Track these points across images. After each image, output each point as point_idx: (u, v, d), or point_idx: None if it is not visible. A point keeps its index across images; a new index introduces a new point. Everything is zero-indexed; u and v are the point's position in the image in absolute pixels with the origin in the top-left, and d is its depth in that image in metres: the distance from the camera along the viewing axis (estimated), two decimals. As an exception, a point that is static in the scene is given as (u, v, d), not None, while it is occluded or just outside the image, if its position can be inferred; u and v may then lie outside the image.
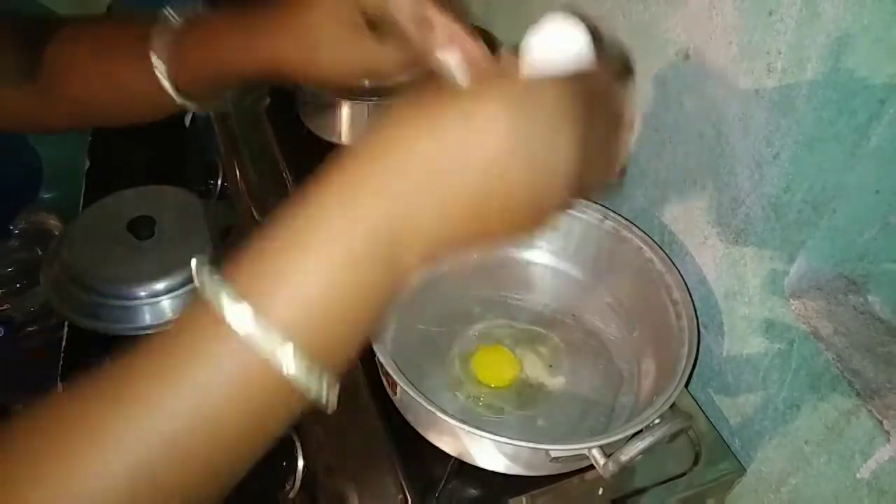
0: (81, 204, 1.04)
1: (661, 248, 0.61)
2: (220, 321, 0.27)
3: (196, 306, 0.28)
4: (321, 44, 0.44)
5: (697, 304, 0.59)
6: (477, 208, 0.30)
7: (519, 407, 0.58)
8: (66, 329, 0.89)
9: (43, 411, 0.27)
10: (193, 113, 1.03)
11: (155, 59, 0.48)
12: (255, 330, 0.27)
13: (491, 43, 0.52)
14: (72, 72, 0.53)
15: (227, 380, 0.27)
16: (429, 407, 0.47)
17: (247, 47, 0.46)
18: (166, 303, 0.89)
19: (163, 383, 0.27)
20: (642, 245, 0.61)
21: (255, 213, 0.74)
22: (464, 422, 0.47)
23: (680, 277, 0.58)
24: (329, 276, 0.28)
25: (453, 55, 0.40)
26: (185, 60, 0.49)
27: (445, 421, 0.46)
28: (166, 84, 0.49)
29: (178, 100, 0.50)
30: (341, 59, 0.44)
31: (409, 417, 0.54)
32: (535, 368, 0.61)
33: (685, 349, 0.53)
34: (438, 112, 0.30)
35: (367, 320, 0.30)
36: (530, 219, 0.32)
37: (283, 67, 0.46)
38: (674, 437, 0.46)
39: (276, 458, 0.57)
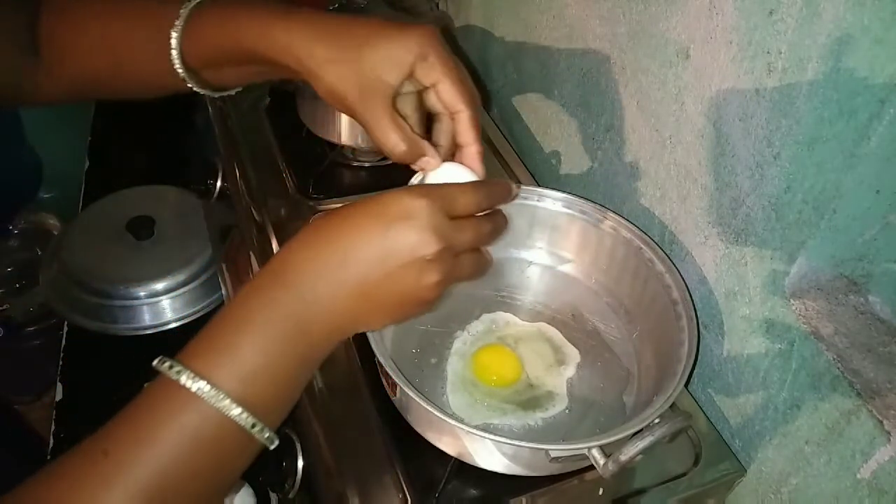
0: (81, 204, 1.04)
1: (661, 248, 0.61)
2: (184, 396, 0.36)
3: (164, 382, 0.36)
4: (343, 77, 0.45)
5: (697, 304, 0.59)
6: (365, 298, 0.40)
7: (519, 407, 0.58)
8: (65, 329, 0.89)
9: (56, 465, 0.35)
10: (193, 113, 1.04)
11: (173, 34, 0.49)
12: (212, 399, 0.36)
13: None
14: (77, 45, 0.52)
15: (195, 437, 0.36)
16: (428, 407, 0.47)
17: (262, 34, 0.47)
18: (166, 303, 0.89)
19: (148, 443, 0.35)
20: (642, 245, 0.61)
21: (255, 213, 0.74)
22: (464, 422, 0.47)
23: (680, 277, 0.58)
24: (264, 353, 0.37)
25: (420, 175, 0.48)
26: (200, 37, 0.49)
27: (445, 421, 0.46)
28: (175, 57, 0.49)
29: (183, 75, 0.50)
30: (342, 99, 0.46)
31: (409, 417, 0.54)
32: (535, 368, 0.61)
33: (685, 349, 0.53)
34: (364, 224, 0.39)
35: (294, 386, 0.40)
36: (402, 306, 0.42)
37: (291, 65, 0.47)
38: (674, 437, 0.46)
39: (276, 458, 0.57)
